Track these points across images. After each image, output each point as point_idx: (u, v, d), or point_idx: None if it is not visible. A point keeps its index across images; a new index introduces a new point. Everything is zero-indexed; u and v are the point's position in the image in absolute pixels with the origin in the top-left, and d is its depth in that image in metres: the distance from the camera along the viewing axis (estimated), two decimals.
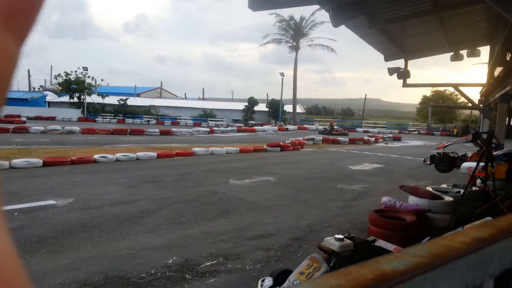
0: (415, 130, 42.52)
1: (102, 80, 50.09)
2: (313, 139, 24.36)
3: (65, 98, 45.01)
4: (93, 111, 42.17)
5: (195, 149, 16.46)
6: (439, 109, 47.50)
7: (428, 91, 52.20)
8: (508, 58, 6.56)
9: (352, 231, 6.04)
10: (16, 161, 11.34)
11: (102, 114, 41.67)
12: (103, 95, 42.86)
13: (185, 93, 75.13)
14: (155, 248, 5.35)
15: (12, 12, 0.23)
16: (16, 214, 6.63)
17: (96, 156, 13.12)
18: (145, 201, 7.95)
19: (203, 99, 67.16)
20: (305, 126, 41.65)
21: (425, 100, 52.27)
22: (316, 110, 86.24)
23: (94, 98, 42.91)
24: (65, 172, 11.11)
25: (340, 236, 4.58)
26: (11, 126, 23.79)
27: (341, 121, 52.79)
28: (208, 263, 4.93)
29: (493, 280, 0.62)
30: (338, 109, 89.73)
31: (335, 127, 33.45)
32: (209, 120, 42.08)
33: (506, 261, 0.65)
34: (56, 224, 6.22)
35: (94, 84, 44.80)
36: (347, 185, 10.48)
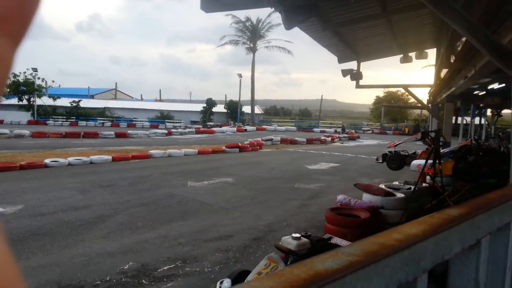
0: (369, 130, 43.88)
1: (53, 81, 48.04)
2: (271, 139, 24.58)
3: (14, 101, 42.71)
4: (44, 114, 40.34)
5: (152, 151, 16.17)
6: (391, 109, 49.27)
7: (381, 92, 54.09)
8: (452, 60, 6.92)
9: (310, 229, 6.15)
10: None
11: (54, 116, 39.96)
12: (54, 97, 41.15)
13: (141, 95, 73.61)
14: (110, 254, 5.21)
15: (7, 16, 0.22)
16: None
17: (47, 161, 12.60)
18: (100, 206, 7.72)
19: (160, 100, 66.00)
20: (264, 127, 41.91)
21: (378, 101, 54.05)
22: (274, 111, 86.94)
23: (45, 100, 41.07)
24: (14, 177, 10.59)
25: (297, 235, 4.66)
26: None
27: (299, 121, 53.60)
28: (165, 267, 4.86)
29: (426, 274, 0.66)
30: (296, 109, 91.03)
31: (345, 130, 35.42)
32: (167, 122, 41.43)
33: (439, 256, 0.69)
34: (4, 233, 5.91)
35: (44, 86, 42.87)
36: (304, 185, 10.66)
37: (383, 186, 8.06)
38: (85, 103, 43.88)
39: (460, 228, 0.74)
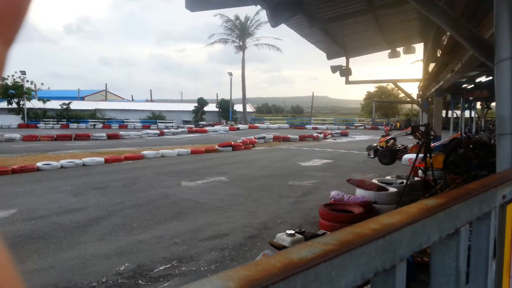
0: (361, 126, 44.07)
1: (42, 84, 47.75)
2: (264, 137, 24.62)
3: (3, 104, 42.33)
4: (34, 117, 40.05)
5: (144, 152, 16.13)
6: (382, 104, 49.52)
7: (372, 87, 54.35)
8: (438, 55, 6.99)
9: (304, 225, 6.20)
10: None
11: (44, 119, 39.68)
12: (44, 99, 40.78)
13: (132, 95, 73.18)
14: (106, 256, 5.22)
15: None
16: None
17: (39, 164, 12.53)
18: (94, 208, 7.71)
19: (152, 101, 65.76)
20: (256, 125, 41.95)
21: (369, 96, 54.31)
22: (266, 109, 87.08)
23: (35, 103, 40.72)
24: (6, 182, 10.52)
25: (291, 232, 4.69)
26: None
27: (291, 118, 53.69)
28: (161, 268, 4.88)
29: (404, 262, 0.69)
30: (288, 107, 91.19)
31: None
32: (159, 122, 41.31)
33: (416, 244, 0.72)
34: None
35: (34, 89, 42.49)
36: (298, 182, 10.71)
37: (376, 181, 8.13)
38: (75, 105, 43.59)
39: (437, 217, 0.77)
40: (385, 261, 0.61)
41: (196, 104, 47.03)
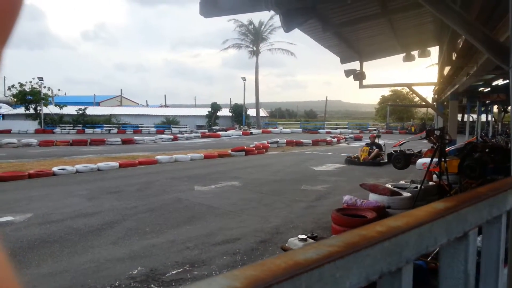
0: (375, 129, 43.74)
1: (59, 90, 48.28)
2: (277, 142, 24.59)
3: (21, 110, 43.28)
4: (50, 122, 40.74)
5: (158, 157, 16.26)
6: (397, 108, 49.11)
7: (386, 91, 53.93)
8: (453, 58, 6.93)
9: (316, 230, 6.18)
10: None
11: (60, 125, 40.36)
12: (60, 105, 41.53)
13: (146, 101, 74.00)
14: (119, 260, 5.27)
15: None
16: None
17: (55, 169, 12.72)
18: (108, 212, 7.79)
19: (166, 106, 66.32)
20: (269, 129, 41.94)
21: (384, 100, 53.91)
22: (279, 113, 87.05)
23: (51, 109, 41.46)
24: (23, 186, 10.71)
25: (303, 236, 4.69)
26: None
27: (304, 123, 53.59)
28: (174, 272, 4.91)
29: (411, 264, 0.69)
30: (301, 111, 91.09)
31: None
32: (172, 127, 41.61)
33: (423, 247, 0.72)
34: (14, 241, 5.99)
35: (50, 94, 43.27)
36: (311, 186, 10.67)
37: (389, 186, 8.07)
38: (91, 110, 44.24)
39: (445, 220, 0.78)
40: (390, 263, 0.61)
41: (210, 109, 47.27)
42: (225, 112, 47.81)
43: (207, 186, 10.68)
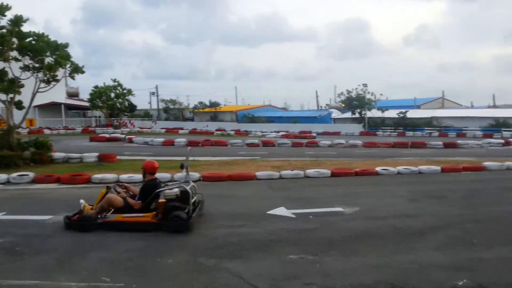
0: None
1: (381, 94, 51.41)
2: None
3: (348, 114, 48.59)
4: (373, 125, 43.83)
5: (486, 163, 14.66)
6: None
7: None
8: None
9: None
10: (309, 171, 12.91)
11: (382, 128, 42.74)
12: (382, 109, 44.06)
13: (471, 102, 67.90)
14: (441, 267, 5.03)
15: None
16: (310, 217, 7.54)
17: (378, 169, 13.49)
18: (429, 216, 7.62)
19: (494, 106, 59.02)
20: None
21: None
22: None
23: (374, 113, 44.53)
24: (350, 182, 11.89)
25: None
26: (304, 141, 27.94)
27: None
28: None
29: None
30: None
31: None
32: (503, 131, 36.62)
33: None
34: (343, 230, 6.71)
35: (374, 99, 46.41)
36: None
37: None
38: (411, 113, 44.63)
39: None
40: None
41: None
42: None
43: None
